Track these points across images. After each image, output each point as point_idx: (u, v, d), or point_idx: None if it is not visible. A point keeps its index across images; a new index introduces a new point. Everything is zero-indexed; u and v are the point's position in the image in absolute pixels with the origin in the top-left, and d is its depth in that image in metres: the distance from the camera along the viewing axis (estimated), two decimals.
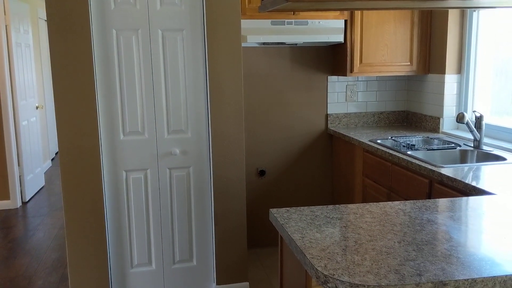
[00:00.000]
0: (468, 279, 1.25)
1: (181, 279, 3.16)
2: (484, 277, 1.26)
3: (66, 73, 2.79)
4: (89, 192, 2.91)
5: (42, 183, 6.22)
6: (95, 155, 2.88)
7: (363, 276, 1.26)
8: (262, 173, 3.95)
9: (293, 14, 3.44)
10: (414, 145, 3.13)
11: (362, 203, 3.42)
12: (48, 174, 6.93)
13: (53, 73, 2.78)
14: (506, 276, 1.27)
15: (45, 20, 6.75)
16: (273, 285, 3.37)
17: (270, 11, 3.40)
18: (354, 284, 1.22)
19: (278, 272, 2.71)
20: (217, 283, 3.18)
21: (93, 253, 2.97)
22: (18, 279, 3.56)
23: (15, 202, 5.33)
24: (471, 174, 2.39)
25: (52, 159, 7.70)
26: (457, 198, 1.97)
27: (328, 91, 3.97)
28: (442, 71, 3.56)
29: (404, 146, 3.14)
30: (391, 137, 3.38)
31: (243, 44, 3.67)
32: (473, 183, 2.21)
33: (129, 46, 2.88)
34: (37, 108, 6.22)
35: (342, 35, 3.55)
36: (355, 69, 3.61)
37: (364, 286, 1.21)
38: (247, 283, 3.23)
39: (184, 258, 3.15)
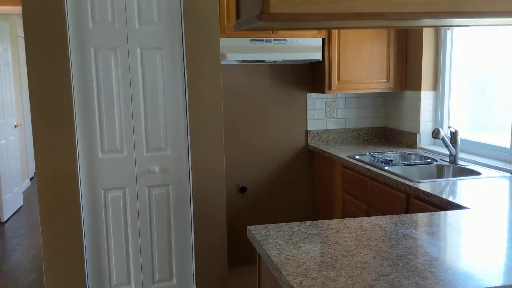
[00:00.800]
0: None
1: None
2: None
3: (43, 91, 2.77)
4: (66, 212, 2.87)
5: (20, 202, 6.11)
6: (73, 174, 2.86)
7: None
8: (243, 190, 3.95)
9: (272, 32, 3.48)
10: (391, 161, 3.17)
11: (341, 218, 3.43)
12: (27, 193, 6.81)
13: (30, 92, 2.76)
14: None
15: None
16: None
17: (248, 30, 3.44)
18: None
19: None
20: None
21: (71, 274, 2.92)
22: None
23: None
24: (447, 188, 2.43)
25: (31, 178, 7.59)
26: (433, 213, 2.00)
27: (308, 107, 4.01)
28: (418, 88, 3.63)
29: (382, 161, 3.18)
30: (369, 153, 3.42)
31: (222, 62, 3.70)
32: (449, 198, 2.24)
33: (108, 65, 2.88)
34: (15, 126, 6.14)
35: (320, 53, 3.60)
36: (333, 87, 3.66)
37: None
38: None
39: (164, 277, 3.12)
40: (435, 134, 3.00)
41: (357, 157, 3.33)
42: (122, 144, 2.95)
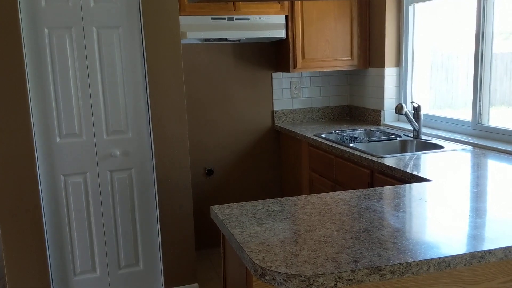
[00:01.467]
0: (403, 263, 1.25)
1: (128, 284, 3.07)
2: (418, 261, 1.27)
3: None
4: (25, 199, 2.76)
5: None
6: (30, 160, 2.74)
7: (300, 266, 1.24)
8: (209, 172, 3.90)
9: (234, 10, 3.41)
10: (356, 138, 3.17)
11: None
12: None
13: None
14: (439, 258, 1.29)
15: None
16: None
17: (209, 5, 3.35)
18: (291, 274, 1.20)
19: (221, 270, 2.67)
20: (166, 286, 3.11)
21: (32, 263, 2.83)
22: None
23: None
24: (411, 163, 2.44)
25: None
26: (396, 186, 2.00)
27: (274, 87, 3.97)
28: (382, 65, 3.63)
29: (347, 139, 3.18)
30: (335, 131, 3.42)
31: (183, 41, 3.61)
32: (413, 172, 2.25)
33: (63, 45, 2.76)
34: None
35: (284, 31, 3.56)
36: (298, 65, 3.62)
37: (301, 276, 1.20)
38: (197, 284, 3.17)
39: (130, 263, 3.06)
40: (398, 109, 3.01)
41: (323, 135, 3.32)
42: (81, 127, 2.85)
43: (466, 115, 3.07)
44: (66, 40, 2.76)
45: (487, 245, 1.36)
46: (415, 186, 2.01)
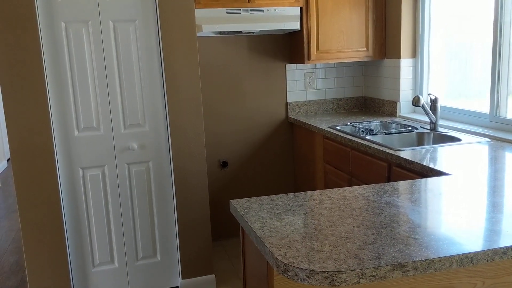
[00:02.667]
0: (426, 260, 1.26)
1: (146, 276, 3.11)
2: (441, 257, 1.27)
3: (14, 69, 2.66)
4: (44, 192, 2.81)
5: None
6: (49, 154, 2.78)
7: (323, 262, 1.25)
8: (224, 164, 3.92)
9: (249, 2, 3.40)
10: (372, 130, 3.17)
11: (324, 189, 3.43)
12: (3, 175, 6.68)
13: (0, 70, 2.66)
14: (462, 254, 1.29)
15: None
16: (239, 276, 3.36)
17: None
18: (314, 271, 1.21)
19: (241, 263, 2.70)
20: (183, 277, 3.14)
21: (52, 255, 2.88)
22: None
23: None
24: (428, 156, 2.43)
25: (8, 160, 7.44)
26: (415, 180, 1.99)
27: (287, 79, 3.96)
28: (398, 56, 3.61)
29: (362, 131, 3.17)
30: (350, 123, 3.41)
31: (198, 34, 3.61)
32: (430, 165, 2.24)
33: (80, 39, 2.77)
34: None
35: (298, 23, 3.54)
36: (313, 57, 3.61)
37: (324, 273, 1.21)
38: (213, 275, 3.20)
39: (147, 254, 3.10)
40: (415, 101, 2.99)
41: (338, 127, 3.32)
42: (98, 121, 2.87)
43: (481, 105, 3.04)
44: (83, 34, 2.77)
45: (509, 241, 1.36)
46: (434, 180, 2.00)
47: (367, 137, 2.93)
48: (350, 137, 2.99)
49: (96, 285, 3.02)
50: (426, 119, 3.34)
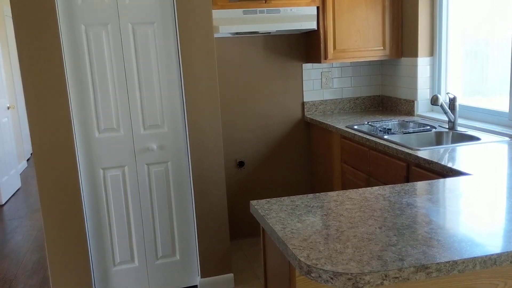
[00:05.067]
0: (449, 261, 1.26)
1: (165, 274, 3.15)
2: (464, 259, 1.28)
3: (35, 71, 2.72)
4: (66, 192, 2.86)
5: (18, 184, 6.10)
6: (71, 154, 2.83)
7: (346, 264, 1.27)
8: (241, 164, 3.94)
9: (265, 2, 3.41)
10: (390, 129, 3.16)
11: (341, 189, 3.44)
12: (24, 175, 6.79)
13: (22, 73, 2.71)
14: (486, 256, 1.29)
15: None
16: (257, 275, 3.38)
17: (240, 0, 3.36)
18: (337, 272, 1.23)
19: (262, 264, 2.73)
20: (202, 276, 3.18)
21: (74, 254, 2.93)
22: None
23: None
24: (447, 155, 2.43)
25: (28, 160, 7.56)
26: (435, 181, 1.99)
27: (304, 78, 3.97)
28: (415, 54, 3.59)
29: (380, 130, 3.17)
30: (368, 122, 3.40)
31: (215, 35, 3.63)
32: (450, 165, 2.24)
33: (99, 41, 2.82)
34: (8, 108, 6.07)
35: (315, 22, 3.54)
36: (329, 56, 3.61)
37: (348, 274, 1.22)
38: (232, 275, 3.23)
39: (167, 253, 3.13)
40: (434, 100, 2.98)
41: (355, 127, 3.32)
42: (118, 122, 2.92)
43: (499, 102, 3.01)
44: (103, 36, 2.82)
45: None
46: (454, 180, 2.00)
47: (385, 137, 2.93)
48: (368, 136, 2.99)
49: (117, 284, 3.07)
50: (444, 118, 3.32)
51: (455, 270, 1.27)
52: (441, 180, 2.01)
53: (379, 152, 2.89)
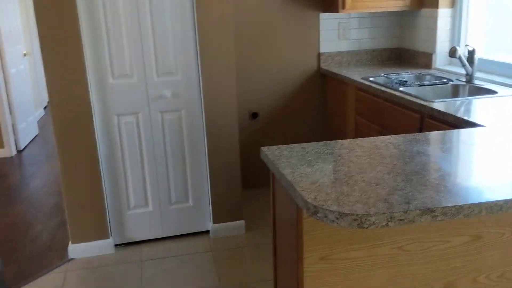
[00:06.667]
0: (455, 205, 1.28)
1: (179, 219, 3.23)
2: (470, 204, 1.29)
3: (50, 18, 2.71)
4: (82, 137, 2.91)
5: (35, 131, 6.21)
6: (86, 100, 2.86)
7: (352, 205, 1.29)
8: (254, 115, 3.94)
9: None
10: (406, 82, 3.12)
11: None
12: (41, 122, 6.90)
13: (37, 19, 2.70)
14: (492, 202, 1.30)
15: None
16: (268, 222, 3.45)
17: None
18: (343, 213, 1.25)
19: (271, 208, 2.79)
20: (214, 222, 3.26)
21: (90, 198, 3.01)
22: (17, 225, 3.62)
23: (9, 150, 5.34)
24: (462, 108, 2.40)
25: (45, 108, 7.65)
26: (448, 131, 1.98)
27: (320, 29, 3.90)
28: (435, 5, 3.48)
29: (396, 83, 3.13)
30: (384, 74, 3.36)
31: None
32: (464, 117, 2.22)
33: None
34: (24, 55, 6.10)
35: None
36: (347, 5, 3.53)
37: (353, 215, 1.24)
38: (243, 221, 3.30)
39: (180, 199, 3.20)
40: (452, 52, 2.91)
41: (371, 79, 3.28)
42: (132, 68, 2.92)
43: None
44: None
45: None
46: (467, 131, 1.98)
47: (400, 89, 2.89)
48: (383, 88, 2.96)
49: (132, 227, 3.16)
50: (462, 71, 3.26)
51: (460, 214, 1.28)
52: (454, 130, 1.99)
53: (393, 104, 2.87)
